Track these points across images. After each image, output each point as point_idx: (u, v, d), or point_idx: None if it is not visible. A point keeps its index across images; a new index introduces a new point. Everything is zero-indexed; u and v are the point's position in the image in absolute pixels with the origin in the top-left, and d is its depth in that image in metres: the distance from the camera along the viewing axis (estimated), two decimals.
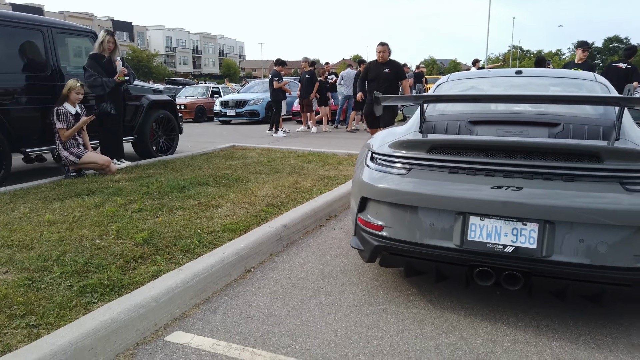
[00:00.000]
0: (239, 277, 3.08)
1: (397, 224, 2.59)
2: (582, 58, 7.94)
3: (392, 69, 7.15)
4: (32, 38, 5.92)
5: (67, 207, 4.03)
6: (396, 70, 7.18)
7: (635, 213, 2.16)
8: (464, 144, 2.52)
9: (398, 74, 7.20)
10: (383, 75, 7.09)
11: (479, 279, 2.38)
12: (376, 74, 7.15)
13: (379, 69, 7.15)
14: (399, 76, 7.23)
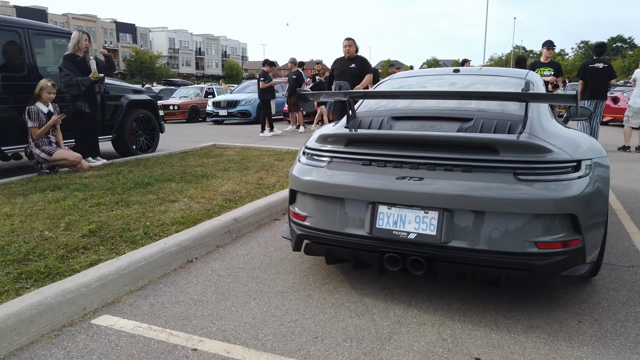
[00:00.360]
0: (180, 266, 3.22)
1: (317, 214, 2.74)
2: (547, 57, 8.07)
3: (359, 64, 7.06)
4: (9, 39, 6.10)
5: (29, 202, 4.19)
6: (362, 66, 7.08)
7: (525, 201, 2.30)
8: (376, 138, 2.66)
9: (364, 69, 7.09)
10: (349, 71, 7.00)
11: (388, 264, 2.51)
12: (342, 69, 7.08)
13: (345, 64, 7.08)
14: (365, 71, 7.10)
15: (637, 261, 3.34)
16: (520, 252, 2.33)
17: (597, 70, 8.55)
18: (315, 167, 2.78)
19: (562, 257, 2.37)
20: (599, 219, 2.56)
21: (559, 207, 2.32)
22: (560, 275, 2.38)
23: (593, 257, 2.58)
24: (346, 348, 2.24)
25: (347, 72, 7.01)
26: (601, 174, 2.60)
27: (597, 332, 2.39)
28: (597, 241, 2.58)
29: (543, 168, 2.37)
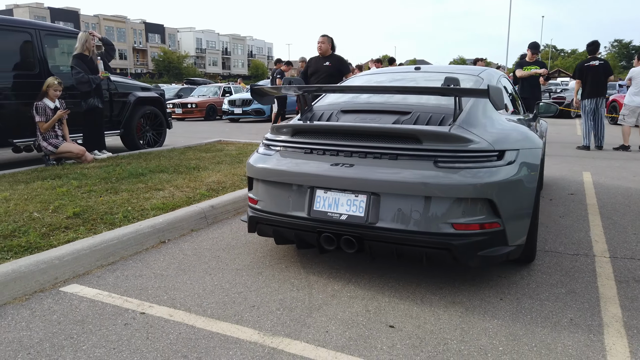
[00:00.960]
0: (152, 246, 3.53)
1: (266, 198, 3.00)
2: (531, 58, 8.56)
3: (333, 62, 6.82)
4: (22, 39, 6.56)
5: (29, 188, 4.58)
6: (337, 64, 6.84)
7: (442, 186, 2.51)
8: (317, 129, 2.91)
9: (340, 68, 6.86)
10: (323, 69, 6.79)
11: (324, 243, 2.76)
12: (316, 67, 6.88)
13: (319, 62, 6.88)
14: (341, 70, 6.87)
15: (583, 250, 3.48)
16: (437, 233, 2.54)
17: (594, 68, 8.57)
18: (267, 156, 3.05)
19: (479, 238, 2.57)
20: (523, 206, 2.74)
21: (475, 192, 2.52)
22: (477, 255, 2.57)
23: (519, 242, 2.76)
24: (277, 315, 2.49)
25: (321, 70, 6.81)
26: (528, 165, 2.78)
27: (514, 308, 2.58)
28: (521, 227, 2.76)
29: (461, 156, 2.58)
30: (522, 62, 8.57)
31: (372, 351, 2.17)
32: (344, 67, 6.95)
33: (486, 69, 3.86)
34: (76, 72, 6.60)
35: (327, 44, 6.85)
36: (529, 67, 8.35)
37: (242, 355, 2.13)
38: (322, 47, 6.86)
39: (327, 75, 6.73)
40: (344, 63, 7.03)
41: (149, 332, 2.32)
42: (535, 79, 8.35)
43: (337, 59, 6.93)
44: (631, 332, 2.33)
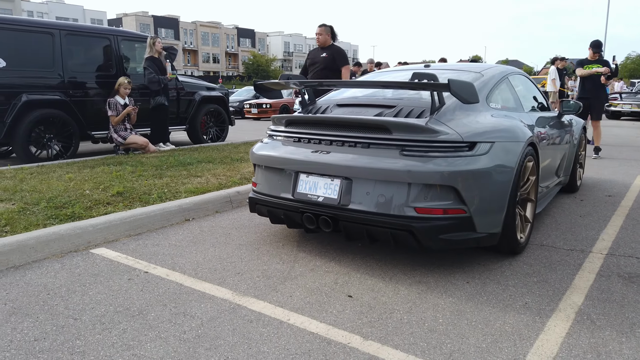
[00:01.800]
0: (176, 223, 4.03)
1: (262, 181, 3.36)
2: (592, 57, 8.19)
3: (330, 53, 6.39)
4: (103, 44, 7.51)
5: (92, 172, 5.33)
6: (334, 55, 6.39)
7: (405, 172, 2.72)
8: (307, 120, 3.22)
9: (337, 59, 6.40)
10: (319, 60, 6.41)
11: (306, 222, 3.06)
12: (313, 59, 6.54)
13: (317, 53, 6.54)
14: (338, 62, 6.41)
15: (581, 247, 3.46)
16: (400, 215, 2.74)
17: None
18: (266, 144, 3.41)
19: (442, 222, 2.73)
20: (494, 196, 2.85)
21: (438, 179, 2.70)
22: (439, 238, 2.73)
23: (491, 230, 2.88)
24: (255, 281, 2.84)
25: (318, 61, 6.44)
26: (503, 157, 2.89)
27: (474, 290, 2.71)
28: (493, 216, 2.88)
29: (427, 146, 2.76)
30: (582, 61, 8.19)
31: (321, 313, 2.44)
32: (340, 59, 6.44)
33: (495, 67, 3.93)
34: (148, 72, 7.42)
35: (325, 34, 6.43)
36: (590, 65, 7.97)
37: (210, 308, 2.50)
38: (319, 38, 6.46)
39: (323, 67, 6.36)
40: (341, 54, 6.50)
41: (144, 286, 2.77)
42: (597, 78, 7.94)
43: (335, 50, 6.46)
44: (580, 318, 2.39)
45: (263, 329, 2.29)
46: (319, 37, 6.44)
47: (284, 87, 3.54)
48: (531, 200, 3.46)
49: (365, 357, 2.05)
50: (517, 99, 3.88)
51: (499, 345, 2.15)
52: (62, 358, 2.04)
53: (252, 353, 2.08)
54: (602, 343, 2.16)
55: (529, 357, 2.05)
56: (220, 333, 2.25)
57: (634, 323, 2.35)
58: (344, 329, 2.29)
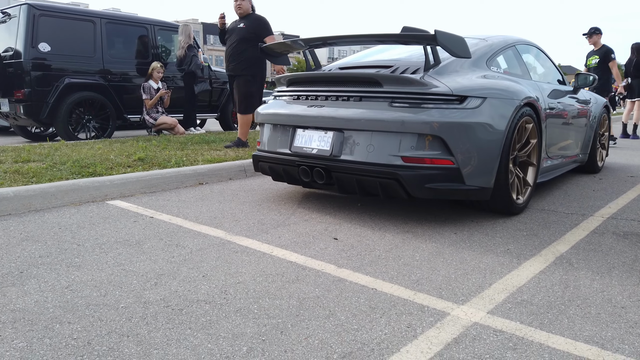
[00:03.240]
0: (190, 185, 4.25)
1: (265, 138, 3.52)
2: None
3: (249, 24, 5.62)
4: (140, 33, 7.94)
5: (121, 145, 5.66)
6: (255, 27, 5.61)
7: (392, 122, 2.81)
8: (306, 78, 3.36)
9: (257, 30, 5.60)
10: (237, 31, 5.66)
11: (302, 175, 3.19)
12: (231, 31, 5.78)
13: (235, 25, 5.77)
14: (259, 32, 5.59)
15: (583, 212, 3.42)
16: (387, 164, 2.83)
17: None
18: (269, 105, 3.57)
19: (429, 171, 2.80)
20: (483, 148, 2.89)
21: (424, 129, 2.77)
22: (425, 187, 2.80)
23: (481, 184, 2.92)
24: (249, 226, 2.99)
25: (234, 32, 5.69)
26: (494, 112, 2.92)
27: (459, 238, 2.76)
28: (483, 169, 2.91)
29: (416, 98, 2.84)
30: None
31: (303, 248, 2.56)
32: (262, 29, 5.62)
33: (503, 36, 3.93)
34: (196, 58, 7.84)
35: (244, 1, 5.68)
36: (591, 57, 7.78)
37: (201, 242, 2.66)
38: (240, 5, 5.67)
39: (240, 40, 5.61)
40: (262, 24, 5.65)
41: (146, 226, 2.97)
42: None
43: (256, 20, 5.67)
44: (558, 261, 2.40)
45: (246, 257, 2.43)
46: (240, 4, 5.66)
47: (289, 48, 3.68)
48: (532, 164, 3.45)
49: (334, 279, 2.16)
50: (523, 68, 3.87)
51: (468, 277, 2.20)
52: (59, 269, 2.25)
53: (230, 272, 2.22)
54: (574, 279, 2.17)
55: (493, 286, 2.09)
56: (205, 258, 2.41)
57: (614, 267, 2.33)
58: (321, 260, 2.39)
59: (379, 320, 1.78)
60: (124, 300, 1.92)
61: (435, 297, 1.99)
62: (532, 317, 1.80)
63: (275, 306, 1.88)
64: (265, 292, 2.01)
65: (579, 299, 1.95)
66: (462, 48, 2.93)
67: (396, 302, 1.93)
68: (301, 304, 1.90)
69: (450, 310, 1.86)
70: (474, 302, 1.93)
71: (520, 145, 3.29)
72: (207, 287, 2.06)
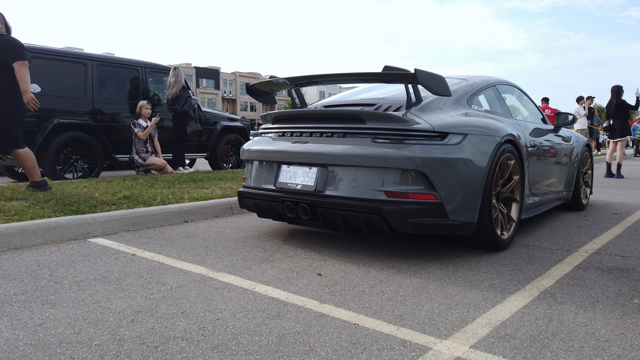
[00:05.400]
0: (175, 223, 4.21)
1: (249, 175, 3.53)
2: None
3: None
4: (131, 75, 8.06)
5: (107, 183, 5.63)
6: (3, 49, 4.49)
7: (375, 158, 2.84)
8: (290, 115, 3.41)
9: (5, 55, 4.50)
10: None
11: (286, 211, 3.18)
12: None
13: None
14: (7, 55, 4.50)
15: (568, 247, 3.42)
16: (371, 199, 2.83)
17: None
18: (254, 141, 3.60)
19: (412, 206, 2.81)
20: (466, 184, 2.91)
21: (407, 165, 2.80)
22: (409, 222, 2.80)
23: (464, 219, 2.92)
24: (233, 262, 2.94)
25: None
26: (475, 149, 2.97)
27: (444, 274, 2.73)
28: (466, 205, 2.93)
29: (399, 134, 2.88)
30: None
31: (286, 284, 2.52)
32: (10, 52, 4.52)
33: (483, 76, 4.04)
34: (192, 99, 7.96)
35: None
36: None
37: (182, 278, 2.62)
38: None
39: None
40: (12, 47, 4.55)
41: (127, 263, 2.92)
42: None
43: (4, 41, 4.55)
44: (542, 296, 2.38)
45: (227, 293, 2.39)
46: None
47: (275, 87, 3.74)
48: (516, 200, 3.48)
49: (316, 315, 2.12)
50: (504, 107, 3.96)
51: (451, 311, 2.17)
52: (34, 307, 2.18)
53: (210, 309, 2.18)
54: (558, 313, 2.15)
55: (477, 320, 2.07)
56: (185, 295, 2.36)
57: (597, 301, 2.32)
58: (304, 296, 2.35)
59: (359, 355, 1.74)
60: (98, 337, 1.87)
61: (418, 331, 1.95)
62: (515, 351, 1.77)
63: (254, 342, 1.84)
64: (245, 328, 1.97)
65: (563, 333, 1.93)
66: (441, 86, 3.00)
67: (378, 337, 1.89)
68: (281, 340, 1.86)
69: (433, 345, 1.82)
70: (457, 336, 1.90)
71: (502, 181, 3.32)
72: (185, 323, 2.00)
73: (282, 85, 3.68)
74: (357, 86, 4.51)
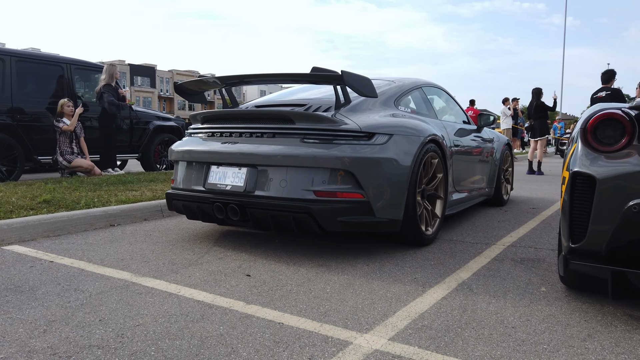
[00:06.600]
0: (100, 227, 4.04)
1: (178, 176, 3.46)
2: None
3: None
4: (54, 72, 7.63)
5: (27, 187, 5.30)
6: None
7: (304, 158, 2.87)
8: (220, 115, 3.37)
9: None
10: None
11: (216, 212, 3.14)
12: None
13: None
14: None
15: (487, 241, 3.62)
16: (301, 198, 2.86)
17: (600, 99, 8.48)
18: (182, 142, 3.53)
19: (341, 205, 2.86)
20: (392, 183, 3.01)
21: (335, 164, 2.85)
22: (338, 220, 2.85)
23: (391, 216, 3.01)
24: (159, 266, 2.87)
25: None
26: (400, 148, 3.07)
27: (371, 270, 2.81)
28: (391, 203, 3.02)
29: (327, 134, 2.93)
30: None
31: (213, 287, 2.49)
32: None
33: (412, 78, 4.19)
34: (108, 96, 7.57)
35: None
36: None
37: (103, 285, 2.52)
38: None
39: None
40: None
41: (44, 271, 2.77)
42: None
43: None
44: (460, 287, 2.51)
45: (150, 298, 2.33)
46: None
47: (205, 87, 3.68)
48: (440, 197, 3.63)
49: (241, 316, 2.11)
50: (429, 108, 4.12)
51: (374, 306, 2.24)
52: None
53: (130, 315, 2.11)
54: (472, 303, 2.27)
55: (397, 314, 2.14)
56: (105, 302, 2.28)
57: (509, 290, 2.48)
58: (231, 298, 2.34)
59: (281, 354, 1.75)
60: (5, 350, 1.76)
61: (341, 327, 2.00)
62: (429, 341, 1.86)
63: (175, 347, 1.81)
64: (166, 333, 1.93)
65: (475, 322, 2.05)
66: (368, 88, 3.08)
67: (301, 334, 1.92)
68: (203, 343, 1.84)
69: (354, 340, 1.87)
70: (377, 330, 1.96)
71: (427, 179, 3.46)
72: (103, 331, 1.94)
73: (213, 85, 3.63)
74: (293, 86, 4.52)
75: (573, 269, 2.12)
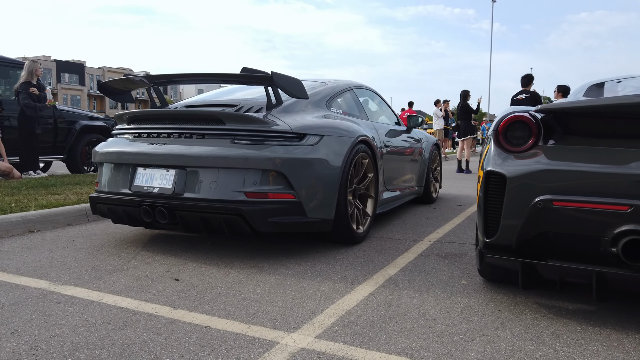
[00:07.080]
0: (17, 234, 3.79)
1: (102, 179, 3.32)
2: None
3: None
4: None
5: None
6: None
7: (235, 159, 2.85)
8: (148, 115, 3.28)
9: None
10: None
11: (144, 216, 3.04)
12: None
13: None
14: None
15: (414, 237, 3.76)
16: (231, 200, 2.84)
17: (520, 101, 9.04)
18: (107, 143, 3.40)
19: (272, 206, 2.87)
20: (323, 183, 3.05)
21: (266, 165, 2.85)
22: (269, 221, 2.85)
23: (322, 216, 3.06)
24: (81, 274, 2.74)
25: None
26: (331, 149, 3.12)
27: (302, 269, 2.84)
28: (323, 203, 3.06)
29: (257, 135, 2.92)
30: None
31: (139, 293, 2.42)
32: None
33: (343, 80, 4.26)
34: (23, 96, 7.07)
35: None
36: None
37: (17, 295, 2.37)
38: None
39: None
40: None
41: None
42: None
43: None
44: (387, 283, 2.59)
45: (69, 307, 2.22)
46: None
47: (132, 85, 3.56)
48: (370, 196, 3.73)
49: (166, 322, 2.07)
50: (361, 109, 4.22)
51: (303, 305, 2.27)
52: None
53: (47, 326, 2.01)
54: (397, 298, 2.36)
55: (325, 311, 2.18)
56: (19, 313, 2.15)
57: (432, 284, 2.59)
58: (157, 303, 2.28)
59: (207, 357, 1.74)
60: None
61: (269, 327, 2.01)
62: (355, 336, 1.91)
63: (94, 356, 1.74)
64: (85, 342, 1.85)
65: (399, 316, 2.13)
66: (298, 89, 3.11)
67: (228, 337, 1.91)
68: (124, 351, 1.78)
69: (280, 339, 1.89)
70: (305, 328, 1.99)
71: (358, 179, 3.54)
72: (15, 344, 1.83)
73: (140, 84, 3.52)
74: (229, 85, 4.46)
75: (488, 262, 2.25)
